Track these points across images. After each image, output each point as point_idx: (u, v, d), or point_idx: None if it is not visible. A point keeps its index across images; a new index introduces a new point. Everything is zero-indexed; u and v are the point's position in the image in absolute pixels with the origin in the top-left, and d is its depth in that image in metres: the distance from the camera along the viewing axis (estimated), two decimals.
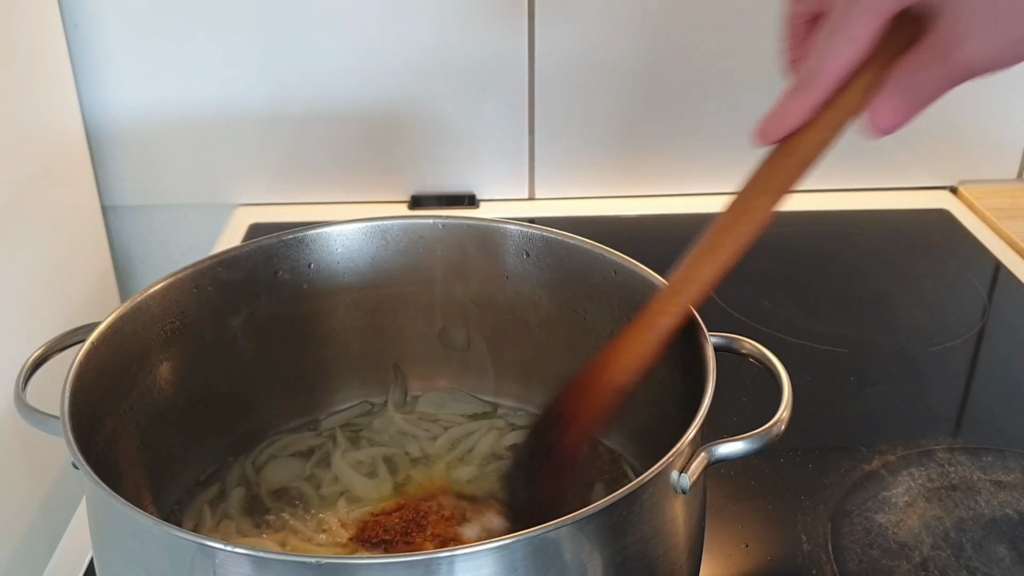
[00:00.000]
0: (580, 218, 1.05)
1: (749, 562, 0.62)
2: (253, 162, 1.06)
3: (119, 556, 0.47)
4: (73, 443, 0.47)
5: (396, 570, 0.41)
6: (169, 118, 1.03)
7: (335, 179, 1.08)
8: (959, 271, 0.97)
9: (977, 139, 1.09)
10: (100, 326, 0.55)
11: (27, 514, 0.85)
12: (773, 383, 0.52)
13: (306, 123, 1.04)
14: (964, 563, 0.61)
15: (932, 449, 0.71)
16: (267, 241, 0.63)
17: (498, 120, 1.05)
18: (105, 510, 0.47)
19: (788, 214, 1.05)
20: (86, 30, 0.99)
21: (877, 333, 0.86)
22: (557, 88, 1.04)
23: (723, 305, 0.88)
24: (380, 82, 1.03)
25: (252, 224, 1.03)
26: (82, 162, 1.02)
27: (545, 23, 1.00)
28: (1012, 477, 0.68)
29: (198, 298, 0.61)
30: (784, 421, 0.49)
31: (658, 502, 0.46)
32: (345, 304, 0.67)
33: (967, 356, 0.84)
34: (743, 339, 0.55)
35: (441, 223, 0.66)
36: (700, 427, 0.47)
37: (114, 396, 0.55)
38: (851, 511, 0.66)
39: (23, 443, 0.83)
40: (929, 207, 1.09)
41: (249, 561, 0.41)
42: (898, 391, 0.79)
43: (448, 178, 1.08)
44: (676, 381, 0.56)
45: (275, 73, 1.02)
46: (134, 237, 1.10)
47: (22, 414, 0.52)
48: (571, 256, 0.63)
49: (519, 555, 0.42)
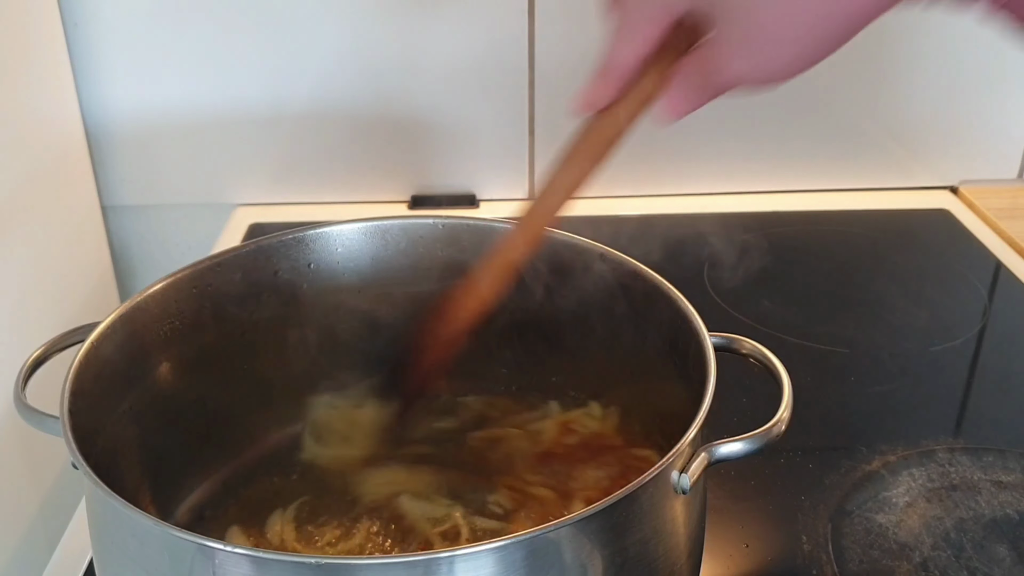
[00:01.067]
0: (580, 218, 1.05)
1: (749, 562, 0.62)
2: (253, 162, 1.06)
3: (119, 556, 0.47)
4: (73, 443, 0.46)
5: (396, 570, 0.41)
6: (169, 118, 1.03)
7: (335, 179, 1.08)
8: (959, 271, 0.97)
9: (977, 139, 1.09)
10: (100, 326, 0.54)
11: (27, 514, 0.85)
12: (773, 383, 0.52)
13: (306, 123, 1.04)
14: (964, 563, 0.61)
15: (932, 449, 0.71)
16: (267, 241, 0.63)
17: (498, 120, 1.05)
18: (105, 510, 0.47)
19: (788, 214, 1.07)
20: (86, 30, 0.99)
21: (877, 333, 0.86)
22: (557, 88, 1.04)
23: (723, 305, 0.88)
24: (380, 82, 1.02)
25: (252, 224, 1.03)
26: (82, 162, 1.02)
27: (545, 23, 1.00)
28: (1012, 477, 0.68)
29: (198, 298, 0.61)
30: (784, 421, 0.49)
31: (658, 502, 0.46)
32: (345, 304, 0.66)
33: (967, 356, 0.84)
34: (743, 339, 0.55)
35: (441, 223, 0.66)
36: (700, 427, 0.47)
37: (114, 396, 0.55)
38: (851, 511, 0.66)
39: (23, 443, 0.83)
40: (929, 207, 1.09)
41: (249, 561, 0.41)
42: (898, 391, 0.79)
43: (448, 178, 1.08)
44: (676, 381, 0.56)
45: (275, 73, 1.02)
46: (134, 237, 1.10)
47: (22, 414, 0.52)
48: (571, 256, 0.63)
49: (519, 555, 0.42)
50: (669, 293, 0.57)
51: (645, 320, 0.60)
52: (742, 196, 1.11)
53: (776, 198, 1.10)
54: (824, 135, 1.08)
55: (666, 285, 0.58)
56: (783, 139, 1.08)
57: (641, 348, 0.60)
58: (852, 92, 1.06)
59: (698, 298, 0.56)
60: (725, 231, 1.02)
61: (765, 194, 1.10)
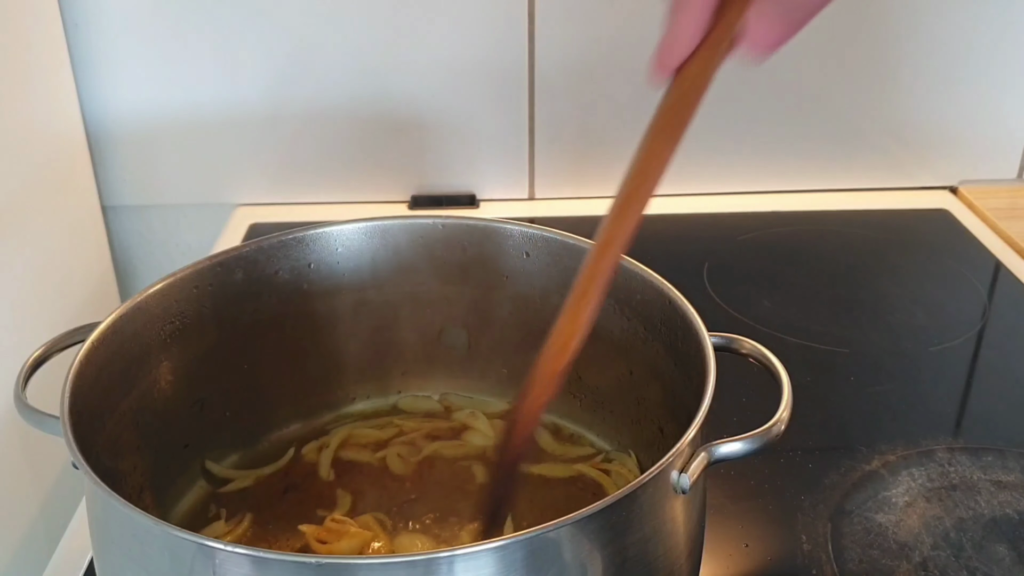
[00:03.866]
0: (580, 218, 1.05)
1: (749, 562, 0.62)
2: (253, 162, 1.06)
3: (119, 556, 0.47)
4: (73, 443, 0.46)
5: (396, 570, 0.41)
6: (169, 118, 1.03)
7: (335, 179, 1.08)
8: (959, 271, 0.97)
9: (977, 139, 1.10)
10: (100, 326, 0.54)
11: (27, 514, 0.85)
12: (773, 383, 0.52)
13: (306, 123, 1.04)
14: (964, 563, 0.61)
15: (932, 449, 0.71)
16: (267, 241, 0.63)
17: (498, 120, 1.05)
18: (105, 510, 0.47)
19: (788, 214, 1.07)
20: (86, 30, 0.99)
21: (877, 333, 0.86)
22: (557, 88, 1.04)
23: (723, 305, 0.88)
24: (380, 82, 1.03)
25: (252, 224, 1.03)
26: (82, 162, 1.02)
27: (545, 23, 1.00)
28: (1012, 477, 0.68)
29: (198, 298, 0.61)
30: (784, 421, 0.49)
31: (658, 502, 0.46)
32: (345, 304, 0.67)
33: (967, 356, 0.84)
34: (743, 339, 0.55)
35: (441, 223, 0.66)
36: (700, 427, 0.47)
37: (114, 396, 0.55)
38: (851, 511, 0.66)
39: (23, 443, 0.83)
40: (929, 207, 1.09)
41: (249, 561, 0.41)
42: (898, 391, 0.79)
43: (448, 178, 1.08)
44: (676, 381, 0.56)
45: (275, 73, 1.02)
46: (134, 237, 1.10)
47: (22, 414, 0.52)
48: (571, 256, 0.63)
49: (519, 555, 0.42)
50: (669, 293, 0.57)
51: (645, 320, 0.60)
52: (742, 196, 1.11)
53: (776, 198, 1.10)
54: (824, 135, 1.08)
55: (666, 285, 0.58)
56: (783, 139, 1.08)
57: (641, 348, 0.60)
58: (852, 92, 1.06)
59: (698, 298, 0.56)
60: (725, 231, 1.03)
61: (765, 194, 1.10)
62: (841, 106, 1.07)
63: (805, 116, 1.07)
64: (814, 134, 1.08)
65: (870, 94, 1.06)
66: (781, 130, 1.08)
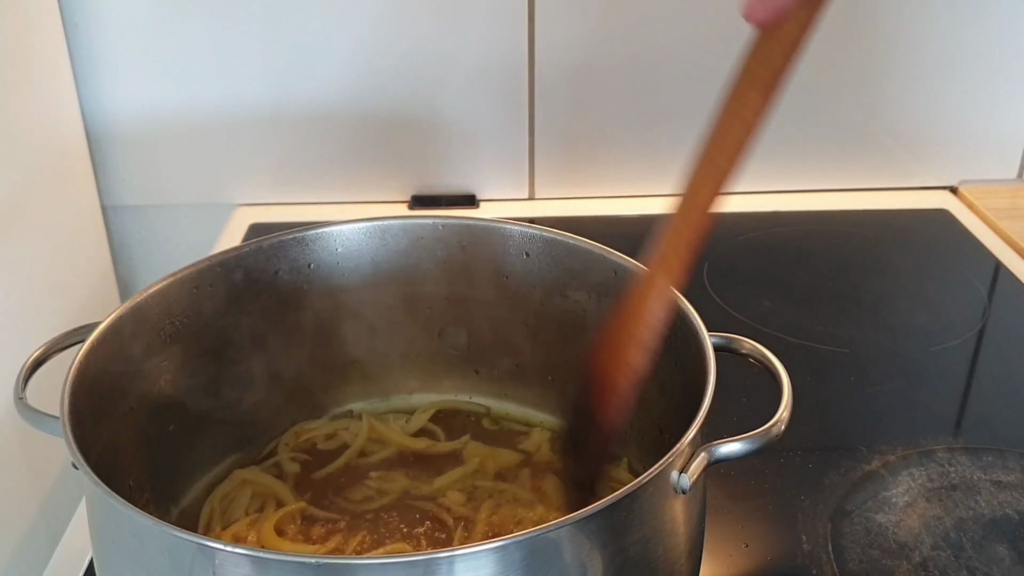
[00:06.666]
0: (580, 218, 1.05)
1: (749, 562, 0.62)
2: (253, 162, 1.06)
3: (119, 556, 0.47)
4: (73, 443, 0.46)
5: (396, 570, 0.41)
6: (169, 118, 1.03)
7: (335, 179, 1.08)
8: (959, 271, 0.97)
9: (977, 139, 1.10)
10: (100, 326, 0.54)
11: (27, 514, 0.85)
12: (773, 383, 0.52)
13: (306, 123, 1.04)
14: (964, 563, 0.61)
15: (932, 449, 0.71)
16: (267, 241, 0.63)
17: (498, 120, 1.05)
18: (105, 510, 0.47)
19: (788, 214, 1.07)
20: (86, 30, 0.99)
21: (877, 333, 0.86)
22: (557, 88, 1.04)
23: (723, 305, 0.88)
24: (380, 82, 1.03)
25: (252, 224, 1.03)
26: (82, 162, 1.02)
27: (545, 23, 1.00)
28: (1012, 477, 0.68)
29: (198, 298, 0.61)
30: (784, 421, 0.49)
31: (658, 502, 0.46)
32: (345, 304, 0.66)
33: (967, 356, 0.84)
34: (743, 339, 0.55)
35: (441, 223, 0.66)
36: (700, 427, 0.47)
37: (114, 396, 0.55)
38: (851, 511, 0.66)
39: (23, 443, 0.83)
40: (929, 207, 1.09)
41: (248, 561, 0.41)
42: (898, 391, 0.79)
43: (448, 178, 1.08)
44: (676, 381, 0.56)
45: (275, 73, 1.02)
46: (134, 237, 1.10)
47: (22, 414, 0.52)
48: (571, 256, 0.63)
49: (519, 555, 0.42)
50: None
51: None
52: (742, 196, 1.10)
53: (776, 198, 1.10)
54: (824, 135, 1.08)
55: None
56: (783, 139, 1.08)
57: None
58: (852, 92, 1.06)
59: (698, 298, 0.56)
60: (725, 231, 1.02)
61: (765, 194, 1.10)
62: (841, 106, 1.07)
63: (805, 116, 1.07)
64: (814, 134, 1.08)
65: (870, 94, 1.06)
66: (781, 130, 1.07)
